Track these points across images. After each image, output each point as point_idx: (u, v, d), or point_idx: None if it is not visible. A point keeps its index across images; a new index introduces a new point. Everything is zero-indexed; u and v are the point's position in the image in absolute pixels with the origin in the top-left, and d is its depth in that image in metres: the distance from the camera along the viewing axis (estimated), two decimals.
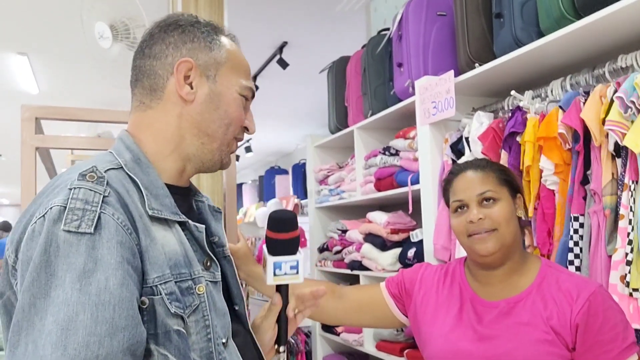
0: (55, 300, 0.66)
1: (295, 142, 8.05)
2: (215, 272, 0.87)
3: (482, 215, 1.19)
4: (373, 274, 2.41)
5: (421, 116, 2.02)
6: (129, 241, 0.73)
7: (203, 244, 0.87)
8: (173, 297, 0.76)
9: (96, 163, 0.79)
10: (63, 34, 4.07)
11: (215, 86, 0.89)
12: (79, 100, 5.62)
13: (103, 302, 0.67)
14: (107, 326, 0.66)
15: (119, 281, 0.69)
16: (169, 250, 0.79)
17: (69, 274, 0.67)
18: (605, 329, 1.09)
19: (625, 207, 1.30)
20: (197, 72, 0.88)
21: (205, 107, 0.88)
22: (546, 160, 1.50)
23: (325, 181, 2.99)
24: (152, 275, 0.75)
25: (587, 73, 1.53)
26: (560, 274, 1.19)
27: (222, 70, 0.90)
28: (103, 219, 0.71)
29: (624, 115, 1.29)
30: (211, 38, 0.90)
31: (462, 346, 1.19)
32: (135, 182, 0.81)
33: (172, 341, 0.75)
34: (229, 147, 0.93)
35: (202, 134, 0.89)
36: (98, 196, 0.73)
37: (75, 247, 0.68)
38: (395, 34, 2.32)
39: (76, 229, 0.69)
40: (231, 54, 0.92)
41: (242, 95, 0.92)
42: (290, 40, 4.03)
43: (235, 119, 0.91)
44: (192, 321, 0.79)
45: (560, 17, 1.51)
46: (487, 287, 1.24)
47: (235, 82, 0.91)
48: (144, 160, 0.85)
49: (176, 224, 0.84)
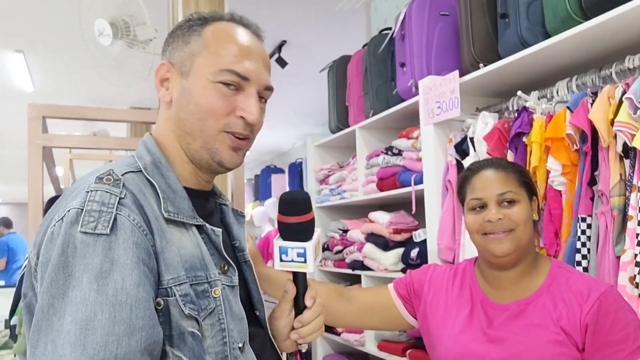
0: (73, 301, 0.66)
1: (292, 141, 8.05)
2: (232, 276, 0.86)
3: (501, 216, 1.18)
4: (375, 274, 2.40)
5: (425, 116, 2.02)
6: (144, 242, 0.73)
7: (220, 247, 0.86)
8: (187, 299, 0.76)
9: (114, 167, 0.80)
10: (59, 32, 4.03)
11: (187, 81, 0.85)
12: (75, 98, 5.58)
13: (120, 302, 0.68)
14: (125, 326, 0.67)
15: (136, 281, 0.70)
16: (184, 253, 0.79)
17: (86, 274, 0.67)
18: (616, 329, 1.08)
19: (634, 208, 1.30)
20: (173, 71, 0.87)
21: (179, 106, 0.86)
22: (554, 161, 1.50)
23: (325, 181, 2.99)
24: (166, 277, 0.75)
25: (594, 74, 1.53)
26: (571, 275, 1.19)
27: (198, 61, 0.85)
28: (119, 220, 0.72)
29: (634, 116, 1.29)
30: (192, 31, 0.87)
31: (472, 348, 1.19)
32: (153, 185, 0.81)
33: (187, 343, 0.75)
34: (217, 142, 0.85)
35: (185, 134, 0.86)
36: (114, 198, 0.73)
37: (92, 248, 0.69)
38: (398, 33, 2.31)
39: (93, 230, 0.70)
40: (211, 40, 0.85)
41: (221, 81, 0.84)
42: (289, 39, 4.02)
43: (210, 111, 0.84)
44: (208, 324, 0.79)
45: (567, 17, 1.51)
46: (497, 289, 1.24)
47: (208, 70, 0.84)
48: (164, 164, 0.85)
49: (193, 227, 0.83)
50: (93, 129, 5.20)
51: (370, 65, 2.54)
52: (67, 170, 3.61)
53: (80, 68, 4.84)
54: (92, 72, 4.71)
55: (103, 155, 4.11)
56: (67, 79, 5.15)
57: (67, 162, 3.56)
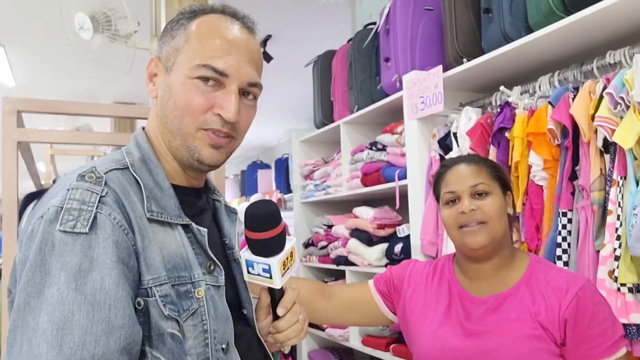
0: (50, 299, 0.65)
1: (278, 136, 8.03)
2: (219, 276, 0.84)
3: (474, 207, 1.19)
4: (359, 269, 2.40)
5: (409, 111, 2.02)
6: (125, 241, 0.72)
7: (206, 247, 0.84)
8: (167, 300, 0.75)
9: (98, 164, 0.79)
10: (41, 26, 3.97)
11: (169, 77, 0.84)
12: (57, 93, 5.50)
13: (99, 301, 0.67)
14: (103, 326, 0.66)
15: (115, 280, 0.69)
16: (167, 253, 0.78)
17: (64, 273, 0.66)
18: (595, 323, 1.09)
19: (614, 202, 1.31)
20: (160, 67, 0.86)
21: (162, 102, 0.85)
22: (535, 156, 1.50)
23: (310, 176, 2.98)
24: (147, 277, 0.74)
25: (576, 69, 1.54)
26: (549, 270, 1.19)
27: (180, 56, 0.83)
28: (99, 218, 0.71)
29: (614, 111, 1.30)
30: (179, 25, 0.85)
31: (450, 342, 1.19)
32: (138, 183, 0.80)
33: (166, 344, 0.74)
34: (196, 140, 0.82)
35: (166, 131, 0.85)
36: (95, 196, 0.72)
37: (71, 247, 0.68)
38: (383, 28, 2.31)
39: (72, 229, 0.69)
40: (192, 33, 0.83)
41: (198, 77, 0.81)
42: (274, 34, 4.00)
43: (187, 108, 0.81)
44: (190, 325, 0.78)
45: (550, 12, 1.51)
46: (475, 282, 1.24)
47: (187, 65, 0.81)
48: (154, 161, 0.84)
49: (179, 227, 0.82)
50: (76, 125, 5.14)
51: (354, 60, 2.53)
52: (49, 166, 3.55)
53: (62, 63, 4.78)
54: (75, 67, 4.64)
55: (85, 150, 4.05)
56: (49, 73, 5.08)
57: (47, 158, 3.50)
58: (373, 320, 1.42)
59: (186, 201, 0.85)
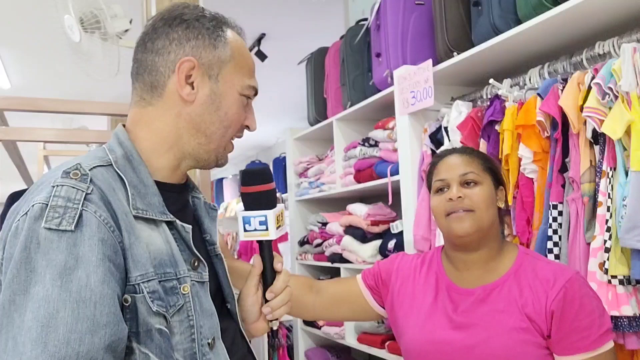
0: (35, 297, 0.65)
1: (276, 135, 7.99)
2: (202, 272, 0.86)
3: (461, 194, 1.18)
4: (354, 267, 2.39)
5: (400, 106, 2.00)
6: (111, 238, 0.73)
7: (190, 244, 0.85)
8: (155, 296, 0.76)
9: (83, 160, 0.79)
10: (35, 27, 3.95)
11: (217, 87, 0.87)
12: (53, 95, 5.48)
13: (84, 299, 0.67)
14: (88, 323, 0.66)
15: (100, 278, 0.69)
16: (153, 249, 0.79)
17: (49, 271, 0.67)
18: (582, 315, 1.08)
19: (604, 194, 1.30)
20: (200, 71, 0.85)
21: (205, 108, 0.86)
22: (525, 149, 1.49)
23: (305, 174, 2.96)
24: (134, 274, 0.74)
25: (565, 60, 1.52)
26: (538, 262, 1.18)
27: (226, 70, 0.87)
28: (85, 216, 0.71)
29: (602, 101, 1.29)
30: (216, 34, 0.87)
31: (437, 335, 1.17)
32: (123, 180, 0.80)
33: (154, 340, 0.74)
34: (226, 148, 0.91)
35: (201, 134, 0.87)
36: (80, 193, 0.72)
37: (56, 244, 0.68)
38: (374, 23, 2.30)
39: (57, 226, 0.69)
40: (236, 52, 0.89)
41: (244, 95, 0.90)
42: (268, 32, 3.98)
43: (235, 121, 0.89)
44: (176, 321, 0.78)
45: (538, 4, 1.50)
46: (463, 273, 1.23)
47: (237, 82, 0.88)
48: (136, 158, 0.84)
49: (163, 224, 0.83)
50: (73, 125, 5.12)
51: (347, 56, 2.52)
52: (41, 168, 3.54)
53: (58, 65, 4.76)
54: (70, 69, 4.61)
55: (79, 151, 4.03)
56: (44, 75, 5.06)
57: (40, 159, 3.48)
58: (362, 315, 1.41)
59: (169, 198, 0.86)
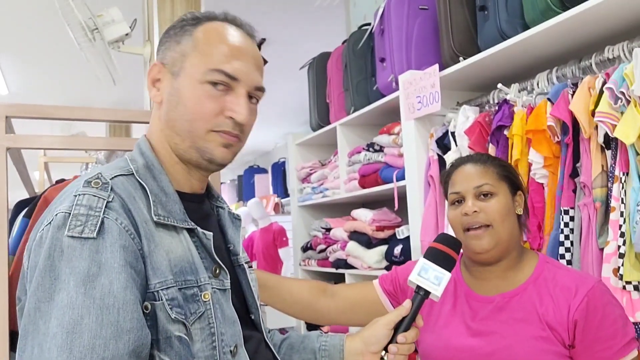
0: (60, 304, 0.67)
1: (274, 140, 8.00)
2: (224, 279, 0.86)
3: (477, 208, 1.17)
4: (359, 272, 2.38)
5: (406, 111, 2.00)
6: (132, 245, 0.74)
7: (211, 251, 0.85)
8: (174, 303, 0.76)
9: (104, 170, 0.81)
10: (34, 34, 3.94)
11: (177, 82, 0.85)
12: (51, 101, 5.47)
13: (107, 305, 0.68)
14: (112, 329, 0.67)
15: (123, 284, 0.70)
16: (174, 257, 0.79)
17: (73, 278, 0.68)
18: (606, 324, 1.07)
19: (617, 199, 1.29)
20: (164, 71, 0.87)
21: (169, 106, 0.86)
22: (535, 154, 1.49)
23: (307, 179, 2.95)
24: (154, 281, 0.75)
25: (574, 65, 1.52)
26: (558, 270, 1.17)
27: (188, 61, 0.85)
28: (106, 223, 0.72)
29: (614, 106, 1.28)
30: (183, 31, 0.87)
31: (455, 342, 1.17)
32: (144, 188, 0.82)
33: (173, 347, 0.75)
34: (207, 142, 0.85)
35: (174, 134, 0.86)
36: (102, 202, 0.74)
37: (79, 252, 0.70)
38: (377, 28, 2.29)
39: (79, 234, 0.70)
40: (200, 40, 0.85)
41: (209, 81, 0.83)
42: (269, 37, 3.98)
43: (198, 112, 0.83)
44: (197, 328, 0.79)
45: (546, 8, 1.50)
46: (482, 282, 1.22)
47: (197, 70, 0.84)
48: (157, 167, 0.85)
49: (184, 231, 0.83)
50: (72, 131, 5.10)
51: (350, 61, 2.52)
52: (42, 174, 3.53)
53: (56, 70, 4.75)
54: (69, 75, 4.60)
55: (80, 158, 4.03)
56: (43, 81, 5.06)
57: (42, 166, 3.47)
58: None
59: (190, 207, 0.86)
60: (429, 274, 0.99)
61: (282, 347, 1.08)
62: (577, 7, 1.37)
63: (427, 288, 0.98)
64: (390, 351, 0.97)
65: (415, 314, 0.99)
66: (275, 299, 1.33)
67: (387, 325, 0.99)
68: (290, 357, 1.06)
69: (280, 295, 1.33)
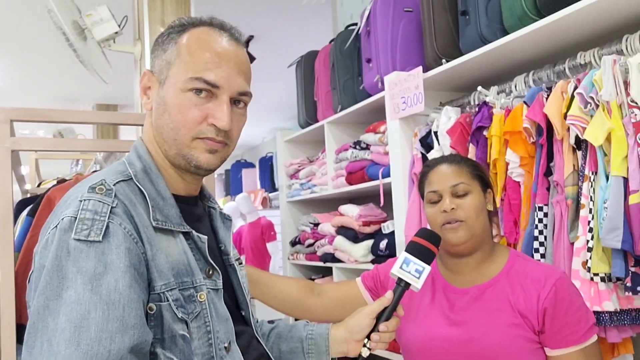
0: (68, 301, 0.70)
1: (262, 135, 8.04)
2: (217, 280, 0.90)
3: (454, 206, 1.25)
4: (346, 266, 2.45)
5: (391, 111, 2.07)
6: (135, 249, 0.77)
7: (205, 253, 0.89)
8: (179, 304, 0.81)
9: (106, 175, 0.84)
10: (23, 30, 3.94)
11: (163, 90, 0.87)
12: (39, 96, 5.46)
13: (113, 301, 0.71)
14: (118, 324, 0.71)
15: (128, 283, 0.74)
16: (172, 260, 0.83)
17: (80, 276, 0.71)
18: (571, 311, 1.17)
19: (586, 196, 1.38)
20: (153, 79, 0.90)
21: (156, 114, 0.89)
22: (512, 154, 1.57)
23: (296, 175, 3.02)
24: (159, 283, 0.79)
25: (549, 69, 1.60)
26: (528, 263, 1.26)
27: (172, 70, 0.86)
28: (111, 227, 0.76)
29: (584, 110, 1.37)
30: (170, 39, 0.89)
31: (435, 332, 1.25)
32: (143, 193, 0.85)
33: (178, 345, 0.79)
34: (192, 149, 0.86)
35: (162, 141, 0.89)
36: (106, 207, 0.77)
37: (85, 253, 0.73)
38: (364, 29, 2.36)
39: (86, 237, 0.74)
40: (183, 47, 0.86)
41: (190, 89, 0.85)
42: (257, 35, 4.03)
43: (181, 121, 0.85)
44: (195, 327, 0.83)
45: (523, 15, 1.58)
46: (458, 275, 1.30)
47: (180, 79, 0.85)
48: (154, 171, 0.89)
49: (180, 234, 0.87)
50: (58, 128, 5.11)
51: (337, 61, 2.58)
52: (33, 170, 3.56)
53: (44, 66, 4.74)
54: (57, 71, 4.59)
55: (70, 154, 4.05)
56: (31, 77, 5.05)
57: (32, 162, 3.51)
58: None
59: (185, 210, 0.90)
60: (410, 267, 1.06)
61: (270, 336, 1.13)
62: (553, 15, 1.45)
63: (408, 280, 1.05)
64: (372, 339, 1.04)
65: (396, 304, 1.06)
66: (267, 296, 1.40)
67: (370, 314, 1.06)
68: (279, 345, 1.11)
69: (271, 292, 1.40)
